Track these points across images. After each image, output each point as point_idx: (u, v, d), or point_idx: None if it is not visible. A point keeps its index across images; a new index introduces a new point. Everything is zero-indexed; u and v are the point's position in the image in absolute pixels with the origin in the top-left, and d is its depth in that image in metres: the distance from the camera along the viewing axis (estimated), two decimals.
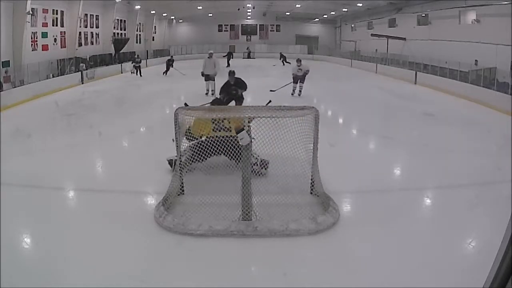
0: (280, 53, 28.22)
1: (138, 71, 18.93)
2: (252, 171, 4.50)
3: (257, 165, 4.96)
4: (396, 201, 4.54)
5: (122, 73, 20.41)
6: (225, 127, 4.92)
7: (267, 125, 4.16)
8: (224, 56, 23.55)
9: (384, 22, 24.37)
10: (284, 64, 25.58)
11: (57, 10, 17.04)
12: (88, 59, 18.76)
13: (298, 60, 12.15)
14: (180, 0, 24.96)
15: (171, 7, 26.96)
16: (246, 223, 3.78)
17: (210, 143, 4.51)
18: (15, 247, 3.50)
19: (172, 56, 21.68)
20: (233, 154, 4.43)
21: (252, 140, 4.14)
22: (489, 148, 6.70)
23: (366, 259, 3.34)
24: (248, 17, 34.48)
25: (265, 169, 5.06)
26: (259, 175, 4.89)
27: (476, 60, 14.62)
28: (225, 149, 4.45)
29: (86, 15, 19.49)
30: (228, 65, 22.61)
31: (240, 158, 4.34)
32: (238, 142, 4.25)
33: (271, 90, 11.37)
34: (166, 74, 19.13)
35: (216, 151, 4.51)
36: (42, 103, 11.62)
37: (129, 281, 3.02)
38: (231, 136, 4.60)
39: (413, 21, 20.98)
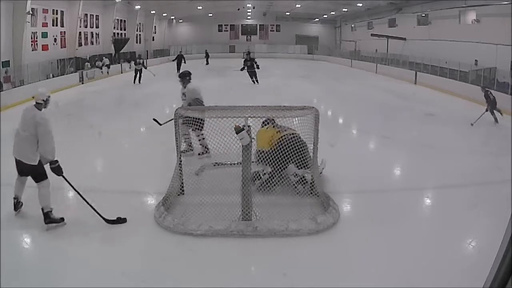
0: (206, 50, 26.79)
1: (138, 76, 16.01)
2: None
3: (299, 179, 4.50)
4: (396, 201, 4.54)
5: (122, 73, 20.40)
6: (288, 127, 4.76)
7: None
8: (173, 61, 20.07)
9: (384, 22, 24.38)
10: (207, 63, 24.68)
11: (57, 10, 17.04)
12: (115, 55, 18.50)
13: (183, 76, 6.18)
14: (180, 0, 24.98)
15: (171, 7, 26.97)
16: (246, 223, 3.78)
17: (284, 145, 4.29)
18: (15, 247, 3.50)
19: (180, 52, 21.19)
20: (300, 155, 4.32)
21: (252, 140, 4.14)
22: (489, 148, 6.70)
23: (366, 259, 3.34)
24: (248, 17, 34.48)
25: (302, 185, 4.50)
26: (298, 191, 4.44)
27: (476, 60, 14.63)
28: (295, 148, 4.27)
29: (86, 15, 19.50)
30: (178, 70, 18.00)
31: (307, 162, 4.41)
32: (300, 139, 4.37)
33: (154, 119, 6.13)
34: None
35: (291, 152, 4.25)
36: None
37: (129, 281, 3.02)
38: (295, 133, 4.52)
39: (413, 21, 20.99)
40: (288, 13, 31.54)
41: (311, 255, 3.41)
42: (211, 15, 32.51)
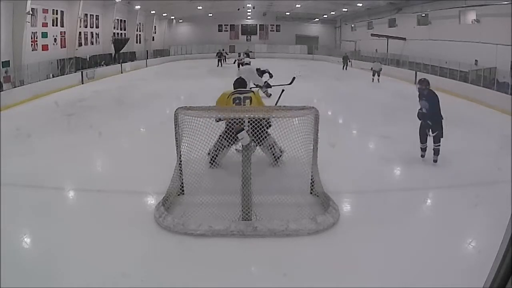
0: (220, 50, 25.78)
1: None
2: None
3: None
4: (396, 201, 4.54)
5: (122, 73, 20.39)
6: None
7: None
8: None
9: (384, 22, 24.38)
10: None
11: (57, 10, 17.03)
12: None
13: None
14: (180, 0, 24.98)
15: (171, 7, 26.97)
16: (246, 223, 3.77)
17: (233, 125, 4.45)
18: (15, 247, 3.50)
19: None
20: (254, 135, 4.35)
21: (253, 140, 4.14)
22: (489, 148, 6.70)
23: (366, 259, 3.34)
24: (248, 17, 34.49)
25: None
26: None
27: (476, 60, 14.63)
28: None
29: (86, 15, 19.48)
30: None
31: (261, 140, 4.59)
32: (259, 123, 4.42)
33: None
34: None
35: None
36: (42, 103, 11.61)
37: (129, 281, 3.02)
38: (253, 118, 4.47)
39: (413, 21, 20.99)
40: (288, 13, 31.54)
41: (311, 255, 3.41)
42: (211, 15, 32.51)
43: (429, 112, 5.63)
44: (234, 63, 20.12)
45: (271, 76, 11.01)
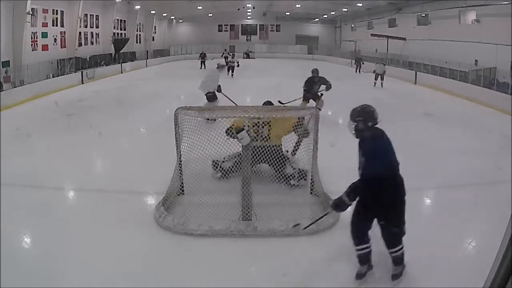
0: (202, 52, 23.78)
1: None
2: (287, 184, 4.63)
3: (294, 177, 4.69)
4: None
5: (122, 73, 20.40)
6: (264, 136, 4.70)
7: None
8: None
9: (384, 22, 24.39)
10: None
11: (57, 10, 17.03)
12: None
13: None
14: (180, 0, 24.98)
15: (171, 7, 26.97)
16: (246, 223, 3.78)
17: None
18: (15, 247, 3.50)
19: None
20: (273, 163, 4.40)
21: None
22: (489, 148, 6.70)
23: None
24: (248, 17, 34.50)
25: (304, 179, 4.70)
26: (295, 186, 4.68)
27: (476, 60, 14.64)
28: (265, 158, 4.34)
29: (86, 15, 19.48)
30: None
31: (280, 168, 4.42)
32: (278, 151, 4.36)
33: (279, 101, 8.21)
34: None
35: (257, 160, 4.32)
36: (42, 103, 11.61)
37: (129, 281, 3.02)
38: (270, 146, 4.46)
39: (413, 21, 21.00)
40: (288, 13, 31.54)
41: (311, 255, 3.41)
42: (211, 15, 32.51)
43: (369, 178, 3.06)
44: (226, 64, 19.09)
45: (328, 88, 9.69)
